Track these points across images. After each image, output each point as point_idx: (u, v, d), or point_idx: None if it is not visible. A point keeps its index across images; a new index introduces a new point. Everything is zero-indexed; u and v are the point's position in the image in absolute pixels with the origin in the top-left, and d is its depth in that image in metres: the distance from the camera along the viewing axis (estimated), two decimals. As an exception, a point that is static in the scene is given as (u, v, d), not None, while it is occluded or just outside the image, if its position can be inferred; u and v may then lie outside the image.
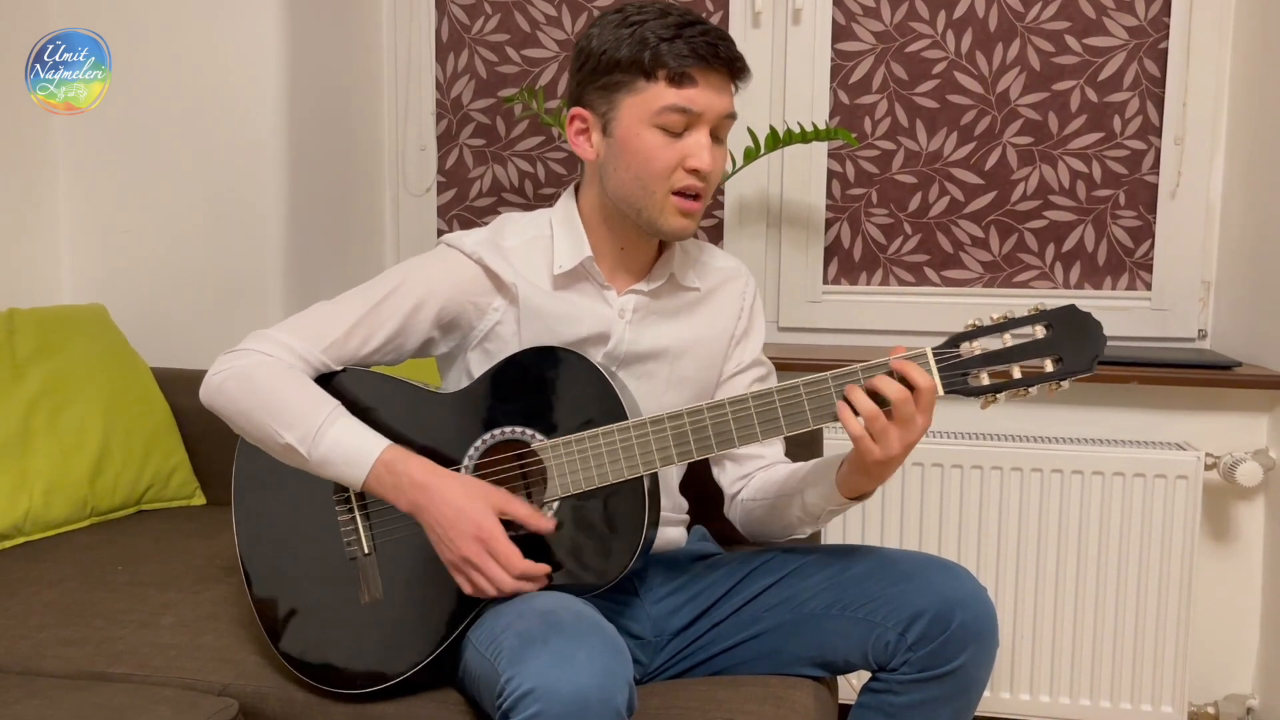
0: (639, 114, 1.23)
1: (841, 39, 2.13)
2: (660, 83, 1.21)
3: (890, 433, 1.13)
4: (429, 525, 1.17)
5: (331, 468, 1.20)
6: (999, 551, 1.89)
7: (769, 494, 1.36)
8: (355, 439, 1.20)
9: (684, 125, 1.23)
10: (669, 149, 1.23)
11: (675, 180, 1.24)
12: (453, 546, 1.15)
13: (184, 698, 1.24)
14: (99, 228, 2.13)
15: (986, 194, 2.11)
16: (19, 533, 1.72)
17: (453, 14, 2.30)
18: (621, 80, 1.23)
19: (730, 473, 1.42)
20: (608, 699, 0.99)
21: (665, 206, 1.25)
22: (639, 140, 1.23)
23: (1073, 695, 1.89)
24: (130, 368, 1.97)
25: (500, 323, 1.31)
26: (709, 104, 1.23)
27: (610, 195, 1.28)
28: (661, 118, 1.22)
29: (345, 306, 1.30)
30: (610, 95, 1.24)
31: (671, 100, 1.21)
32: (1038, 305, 1.14)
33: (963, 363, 1.14)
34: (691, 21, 1.22)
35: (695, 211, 1.26)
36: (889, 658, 1.23)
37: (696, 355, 1.38)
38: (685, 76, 1.21)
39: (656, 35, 1.20)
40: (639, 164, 1.24)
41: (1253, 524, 1.93)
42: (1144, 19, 2.02)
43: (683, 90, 1.21)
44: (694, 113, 1.22)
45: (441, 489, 1.17)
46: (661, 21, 1.21)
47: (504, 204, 2.32)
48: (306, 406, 1.21)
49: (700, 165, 1.23)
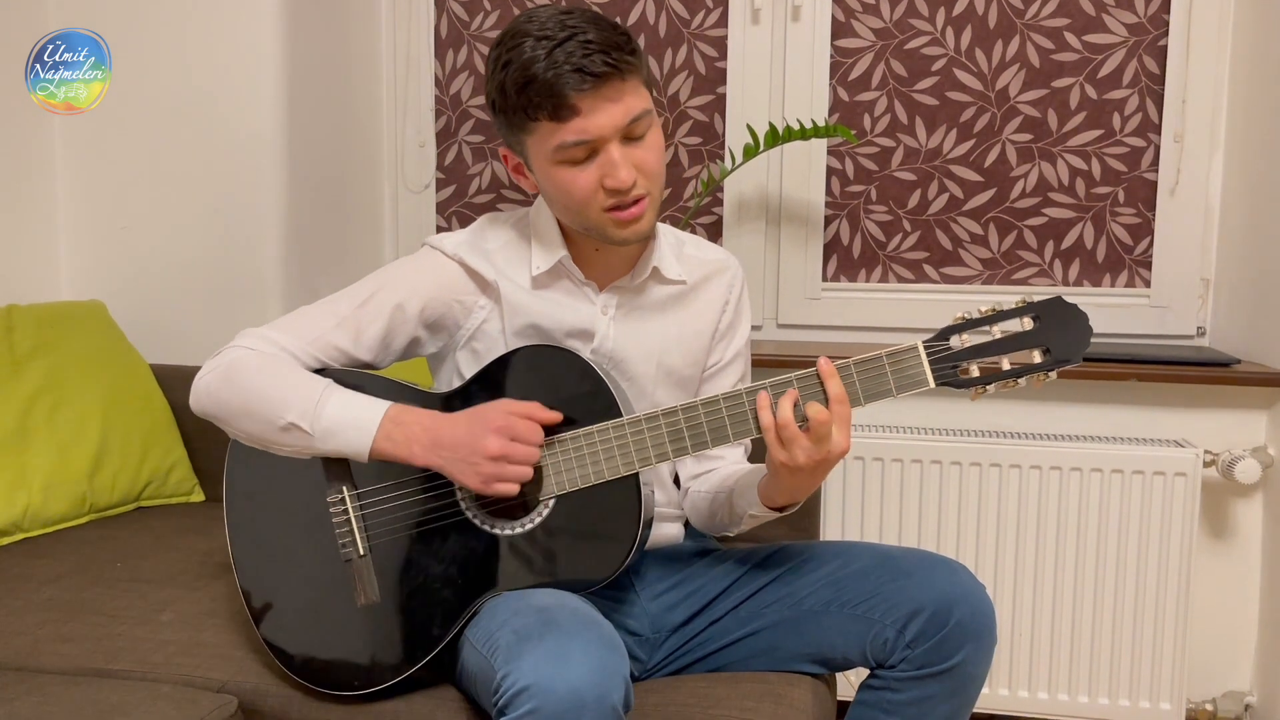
0: (541, 154, 1.21)
1: (841, 36, 2.13)
2: (544, 122, 1.18)
3: (798, 443, 1.14)
4: (449, 457, 1.17)
5: (336, 438, 1.20)
6: (997, 548, 1.90)
7: (710, 489, 1.38)
8: (357, 404, 1.21)
9: (586, 153, 1.19)
10: (583, 175, 1.20)
11: (601, 200, 1.21)
12: (476, 456, 1.15)
13: (183, 694, 1.24)
14: (98, 224, 2.13)
15: (986, 191, 2.11)
16: (18, 529, 1.73)
17: (451, 10, 2.30)
18: (515, 122, 1.20)
19: (689, 468, 1.44)
20: (603, 695, 0.99)
21: (605, 222, 1.23)
22: (553, 178, 1.22)
23: (1071, 692, 1.89)
24: (129, 364, 1.97)
25: (487, 321, 1.31)
26: (601, 126, 1.17)
27: (561, 218, 1.30)
28: (560, 154, 1.19)
29: (331, 307, 1.30)
30: (516, 137, 1.23)
31: (560, 138, 1.18)
32: (1025, 298, 1.15)
33: (952, 355, 1.14)
34: (562, 40, 1.15)
35: (635, 217, 1.22)
36: (887, 655, 1.24)
37: (683, 350, 1.38)
38: (565, 109, 1.16)
39: (524, 74, 1.15)
40: (563, 197, 1.23)
41: (1251, 521, 1.93)
42: (1144, 16, 2.01)
43: (568, 124, 1.17)
44: (587, 141, 1.18)
45: (450, 421, 1.19)
46: (530, 53, 1.15)
47: (503, 200, 2.32)
48: (301, 386, 1.22)
49: (617, 184, 1.19)
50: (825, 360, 1.16)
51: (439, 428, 1.18)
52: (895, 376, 1.15)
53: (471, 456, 1.16)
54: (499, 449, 1.15)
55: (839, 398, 1.14)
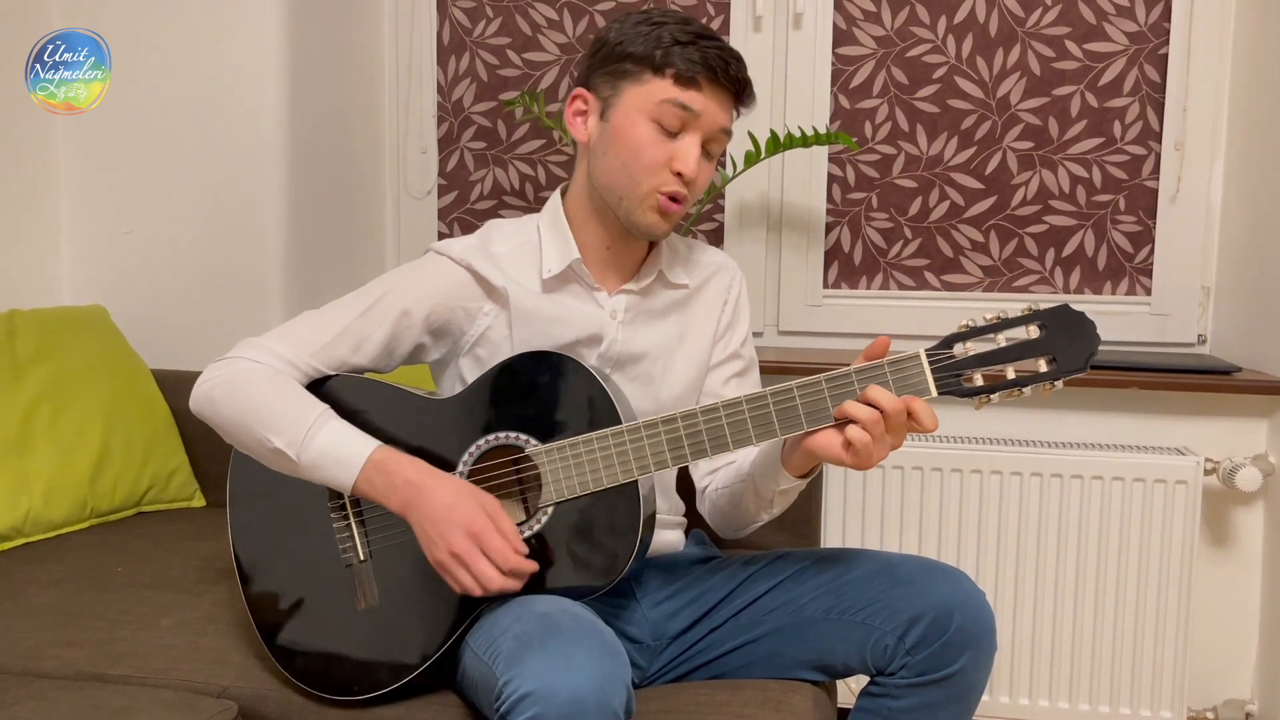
0: (639, 104, 1.25)
1: (842, 43, 2.13)
2: (666, 79, 1.24)
3: (871, 447, 1.13)
4: (419, 523, 1.16)
5: (321, 471, 1.19)
6: (998, 556, 1.89)
7: (730, 482, 1.37)
8: (345, 441, 1.19)
9: (680, 124, 1.25)
10: (659, 146, 1.25)
11: (660, 180, 1.25)
12: (442, 542, 1.14)
13: (183, 699, 1.24)
14: (99, 229, 2.13)
15: (987, 199, 2.11)
16: (19, 534, 1.73)
17: (454, 17, 2.30)
18: (630, 70, 1.26)
19: (701, 467, 1.44)
20: (605, 702, 0.99)
21: (646, 201, 1.26)
22: (633, 129, 1.25)
23: (1071, 700, 1.89)
24: (131, 369, 1.97)
25: (491, 327, 1.31)
26: (707, 109, 1.25)
27: (595, 182, 1.30)
28: (660, 110, 1.24)
29: (334, 314, 1.30)
30: (615, 81, 1.27)
31: (673, 95, 1.23)
32: (1030, 305, 1.14)
33: (956, 364, 1.14)
34: (710, 36, 1.26)
35: (673, 213, 1.27)
36: (887, 661, 1.23)
37: (688, 353, 1.39)
38: (691, 80, 1.23)
39: (673, 37, 1.24)
40: (628, 153, 1.25)
41: (1252, 529, 1.93)
42: (1144, 24, 2.02)
43: (686, 91, 1.24)
44: (692, 112, 1.24)
45: (434, 487, 1.16)
46: (682, 27, 1.25)
47: (505, 207, 2.32)
48: (294, 411, 1.21)
49: (685, 170, 1.25)
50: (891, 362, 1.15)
51: (422, 487, 1.16)
52: (897, 385, 1.14)
53: (437, 532, 1.15)
54: (464, 552, 1.13)
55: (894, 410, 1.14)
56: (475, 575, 1.14)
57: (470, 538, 1.14)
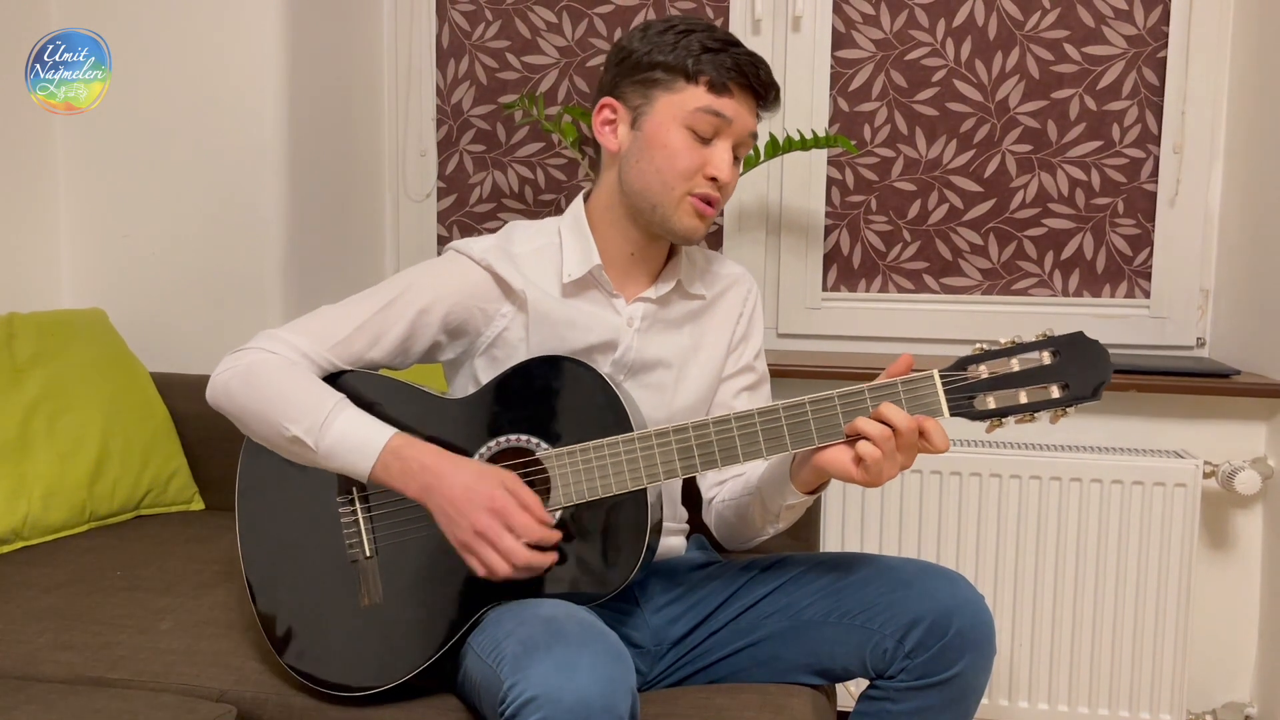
0: (673, 112, 1.27)
1: (841, 46, 2.13)
2: (700, 87, 1.26)
3: (882, 464, 1.12)
4: (439, 507, 1.16)
5: (338, 458, 1.20)
6: (997, 559, 1.89)
7: (737, 495, 1.37)
8: (362, 428, 1.20)
9: (713, 131, 1.27)
10: (693, 152, 1.27)
11: (694, 184, 1.28)
12: (464, 521, 1.14)
13: (182, 703, 1.23)
14: (99, 232, 2.13)
15: (986, 201, 2.11)
16: (17, 537, 1.72)
17: (453, 20, 2.31)
18: (662, 79, 1.28)
19: (709, 479, 1.44)
20: (611, 706, 0.99)
21: (681, 205, 1.28)
22: (668, 137, 1.27)
23: (1071, 703, 1.89)
24: (130, 372, 1.97)
25: (508, 329, 1.32)
26: (739, 115, 1.28)
27: (627, 191, 1.31)
28: (694, 118, 1.26)
29: (352, 309, 1.31)
30: (647, 90, 1.29)
31: (707, 103, 1.26)
32: (1045, 331, 1.14)
33: (969, 386, 1.14)
34: (737, 43, 1.29)
35: (709, 216, 1.30)
36: (887, 665, 1.23)
37: (702, 363, 1.39)
38: (724, 87, 1.26)
39: (703, 45, 1.27)
40: (663, 159, 1.27)
41: (1251, 532, 1.93)
42: (1143, 28, 2.02)
43: (720, 98, 1.27)
44: (725, 119, 1.27)
45: (452, 470, 1.17)
46: (709, 35, 1.28)
47: (504, 210, 2.32)
48: (312, 399, 1.22)
49: (720, 175, 1.28)
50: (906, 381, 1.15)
51: (440, 471, 1.17)
52: (910, 404, 1.14)
53: (458, 512, 1.15)
54: (488, 529, 1.14)
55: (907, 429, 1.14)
56: (502, 552, 1.14)
57: (493, 514, 1.14)
